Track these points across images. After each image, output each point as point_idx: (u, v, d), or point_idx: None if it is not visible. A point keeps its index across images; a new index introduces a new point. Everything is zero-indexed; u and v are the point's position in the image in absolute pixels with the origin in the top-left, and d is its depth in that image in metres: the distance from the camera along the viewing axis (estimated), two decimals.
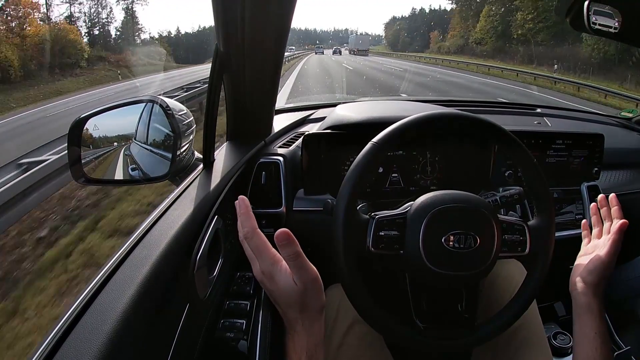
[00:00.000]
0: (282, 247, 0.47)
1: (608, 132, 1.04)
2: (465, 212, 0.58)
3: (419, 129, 0.61)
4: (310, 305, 0.48)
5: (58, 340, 0.37)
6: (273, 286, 0.48)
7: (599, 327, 0.60)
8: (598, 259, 0.64)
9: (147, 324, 0.44)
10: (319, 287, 0.49)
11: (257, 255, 0.48)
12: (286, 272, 0.47)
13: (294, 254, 0.47)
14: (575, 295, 0.64)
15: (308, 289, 0.47)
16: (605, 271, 0.63)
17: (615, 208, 0.70)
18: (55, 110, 10.09)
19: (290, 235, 0.46)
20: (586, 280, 0.63)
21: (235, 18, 0.63)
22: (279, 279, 0.47)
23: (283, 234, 0.46)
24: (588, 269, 0.64)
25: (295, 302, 0.47)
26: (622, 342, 1.00)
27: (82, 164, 0.63)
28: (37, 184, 3.10)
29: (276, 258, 0.48)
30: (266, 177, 0.83)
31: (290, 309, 0.48)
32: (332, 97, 7.77)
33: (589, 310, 0.62)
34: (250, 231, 0.49)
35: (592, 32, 0.77)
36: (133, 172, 0.69)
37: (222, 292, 0.76)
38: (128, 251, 0.49)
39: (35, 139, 5.78)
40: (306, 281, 0.47)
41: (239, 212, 0.50)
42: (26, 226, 3.02)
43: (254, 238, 0.48)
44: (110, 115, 0.65)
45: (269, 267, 0.47)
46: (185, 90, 6.24)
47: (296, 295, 0.47)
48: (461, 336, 0.61)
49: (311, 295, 0.48)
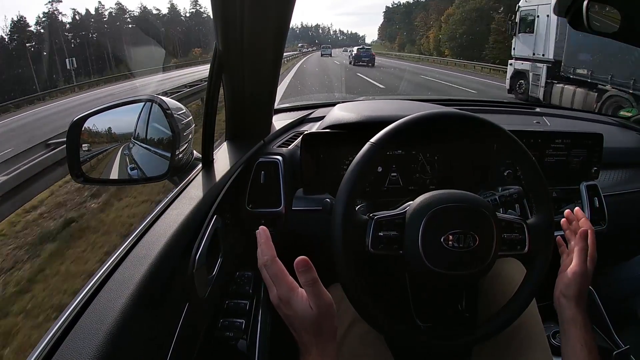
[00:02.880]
0: (301, 274, 0.50)
1: (606, 131, 1.04)
2: (464, 212, 0.58)
3: (418, 128, 0.61)
4: (325, 328, 0.51)
5: (58, 339, 0.37)
6: (289, 311, 0.50)
7: (584, 338, 0.61)
8: (571, 271, 0.64)
9: (146, 323, 0.44)
10: (333, 312, 0.51)
11: (275, 282, 0.51)
12: (302, 298, 0.50)
13: (312, 280, 0.50)
14: (559, 309, 0.65)
15: (323, 313, 0.50)
16: (581, 282, 0.63)
17: (582, 220, 0.72)
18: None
19: (309, 263, 0.50)
20: (566, 293, 0.64)
21: (234, 18, 0.63)
22: (296, 305, 0.50)
23: (303, 261, 0.49)
24: (564, 282, 0.64)
25: (311, 326, 0.50)
26: (621, 341, 1.00)
27: (81, 163, 0.63)
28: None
29: (293, 285, 0.51)
30: (265, 177, 0.83)
31: (305, 333, 0.50)
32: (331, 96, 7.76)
33: (574, 323, 0.62)
34: (270, 259, 0.51)
35: (592, 32, 0.77)
36: (132, 171, 0.69)
37: (222, 292, 0.76)
38: (127, 250, 0.49)
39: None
40: (321, 306, 0.50)
41: (259, 241, 0.53)
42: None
43: (272, 266, 0.51)
44: (109, 115, 0.65)
45: (286, 294, 0.50)
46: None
47: (312, 320, 0.49)
48: (461, 335, 0.62)
49: (326, 320, 0.50)
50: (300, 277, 0.50)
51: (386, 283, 0.67)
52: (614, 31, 0.75)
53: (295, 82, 11.92)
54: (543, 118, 1.25)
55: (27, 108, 15.61)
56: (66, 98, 17.67)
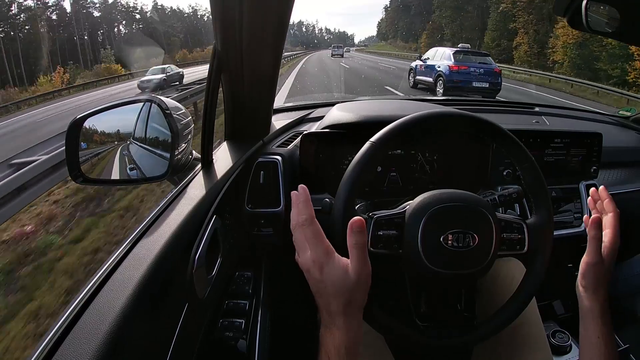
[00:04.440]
0: (356, 234, 0.48)
1: (606, 130, 1.04)
2: (463, 211, 0.58)
3: (417, 128, 0.61)
4: (356, 299, 0.49)
5: (57, 339, 0.37)
6: (322, 276, 0.48)
7: (601, 330, 0.59)
8: (584, 261, 0.62)
9: (146, 323, 0.44)
10: (368, 284, 0.50)
11: (312, 243, 0.49)
12: (339, 263, 0.48)
13: (363, 243, 0.48)
14: (579, 298, 0.64)
15: (361, 281, 0.48)
16: (596, 272, 0.61)
17: (606, 201, 0.68)
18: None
19: (364, 225, 0.48)
20: (583, 283, 0.63)
21: (233, 17, 0.63)
22: (331, 270, 0.48)
23: (359, 221, 0.48)
24: (581, 272, 0.63)
25: (343, 294, 0.48)
26: (621, 340, 1.00)
27: (80, 163, 0.63)
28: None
29: (330, 249, 0.49)
30: (265, 177, 0.83)
31: (335, 301, 0.48)
32: (330, 96, 7.76)
33: (591, 314, 0.61)
34: (309, 219, 0.49)
35: (591, 31, 0.77)
36: (131, 171, 0.69)
37: (221, 292, 0.76)
38: (126, 251, 0.49)
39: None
40: (362, 274, 0.48)
41: (297, 199, 0.51)
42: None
43: (311, 226, 0.49)
44: (108, 115, 0.65)
45: (322, 257, 0.48)
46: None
47: (346, 287, 0.47)
48: (461, 335, 0.62)
49: (360, 289, 0.49)
50: (352, 238, 0.48)
51: (385, 282, 0.66)
52: (613, 31, 0.75)
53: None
54: (542, 117, 1.25)
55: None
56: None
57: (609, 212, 0.65)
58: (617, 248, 0.62)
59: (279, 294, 0.92)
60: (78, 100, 15.36)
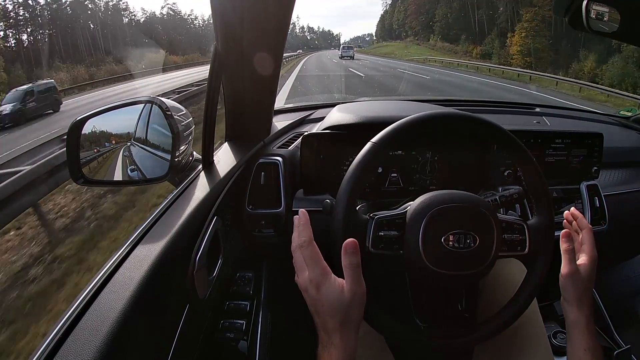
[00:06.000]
0: (350, 255, 0.50)
1: (606, 131, 1.04)
2: (464, 212, 0.58)
3: (418, 128, 0.61)
4: (352, 317, 0.50)
5: (58, 340, 0.37)
6: (319, 295, 0.50)
7: (588, 343, 0.60)
8: (561, 273, 0.63)
9: (147, 324, 0.44)
10: (363, 302, 0.51)
11: (310, 264, 0.51)
12: (335, 283, 0.50)
13: (357, 264, 0.50)
14: (564, 311, 0.64)
15: (356, 300, 0.50)
16: (575, 283, 0.61)
17: (578, 219, 0.69)
18: None
19: (358, 246, 0.50)
20: (565, 296, 0.63)
21: (234, 18, 0.63)
22: (327, 289, 0.50)
23: (353, 243, 0.50)
24: (561, 285, 0.63)
25: (339, 312, 0.49)
26: (622, 341, 1.00)
27: (81, 165, 0.63)
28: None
29: (327, 270, 0.51)
30: (265, 178, 0.83)
31: (332, 319, 0.50)
32: (331, 97, 7.76)
33: (577, 326, 0.61)
34: (308, 241, 0.52)
35: (591, 32, 0.77)
36: (132, 173, 0.69)
37: (222, 293, 0.76)
38: (128, 252, 0.49)
39: None
40: (357, 293, 0.50)
41: (298, 222, 0.53)
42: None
43: (309, 247, 0.51)
44: (109, 116, 0.65)
45: (319, 277, 0.50)
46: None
47: (342, 305, 0.49)
48: (461, 335, 0.62)
49: (355, 307, 0.50)
50: (346, 259, 0.50)
51: (386, 283, 0.67)
52: (613, 31, 0.75)
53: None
54: (543, 118, 1.25)
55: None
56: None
57: (582, 228, 0.67)
58: (597, 260, 0.64)
59: (280, 294, 0.92)
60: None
